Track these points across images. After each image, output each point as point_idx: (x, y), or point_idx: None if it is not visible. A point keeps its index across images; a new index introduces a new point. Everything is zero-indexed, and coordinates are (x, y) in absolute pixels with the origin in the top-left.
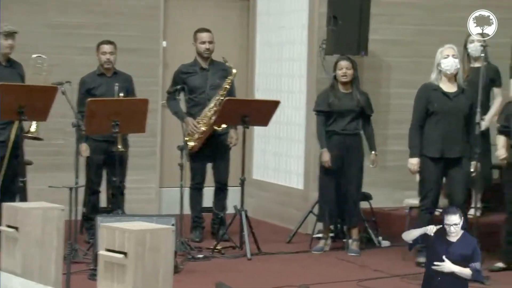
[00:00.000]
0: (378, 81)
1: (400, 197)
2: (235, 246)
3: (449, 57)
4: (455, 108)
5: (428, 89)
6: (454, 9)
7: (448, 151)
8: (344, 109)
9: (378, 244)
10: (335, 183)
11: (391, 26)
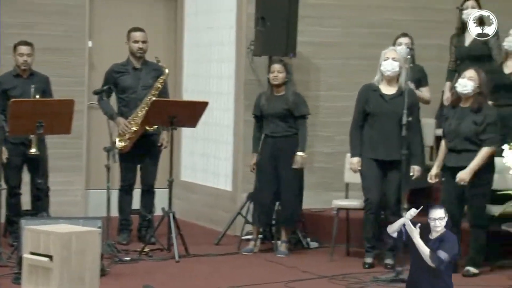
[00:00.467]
0: (307, 83)
1: (328, 198)
2: (163, 248)
3: (389, 59)
4: (390, 110)
5: (367, 90)
6: (380, 11)
7: (383, 153)
8: (272, 112)
9: (307, 245)
10: (270, 186)
11: (319, 28)
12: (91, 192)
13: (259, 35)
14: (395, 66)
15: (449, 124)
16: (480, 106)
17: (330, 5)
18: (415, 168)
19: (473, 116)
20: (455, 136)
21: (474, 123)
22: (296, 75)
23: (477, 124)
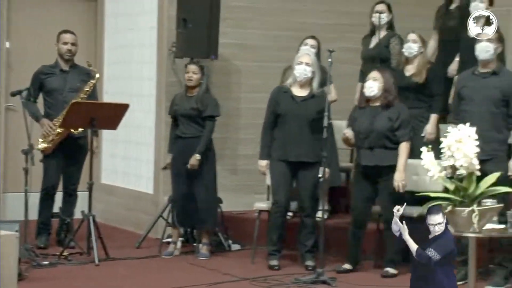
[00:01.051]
0: (229, 85)
1: (251, 200)
2: (83, 252)
3: (302, 64)
4: (300, 112)
5: (279, 92)
6: (298, 15)
7: (292, 154)
8: (183, 112)
9: (228, 247)
10: (183, 186)
11: (240, 30)
12: (9, 195)
13: (181, 37)
14: (308, 72)
15: (362, 122)
16: (389, 102)
17: (250, 8)
18: (326, 170)
19: (386, 112)
20: (369, 133)
21: (389, 119)
22: (218, 77)
23: (391, 120)
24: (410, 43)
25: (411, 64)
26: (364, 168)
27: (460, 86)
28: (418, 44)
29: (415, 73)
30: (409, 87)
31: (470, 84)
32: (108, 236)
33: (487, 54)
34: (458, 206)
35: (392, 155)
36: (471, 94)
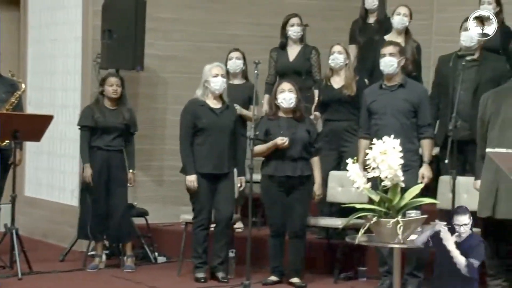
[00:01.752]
0: (155, 97)
1: (177, 212)
2: (5, 266)
3: (218, 76)
4: (222, 123)
5: (195, 105)
6: (224, 26)
7: (218, 166)
8: (110, 125)
9: (154, 260)
10: (102, 199)
11: (166, 41)
12: None
13: (106, 47)
14: (224, 83)
15: (276, 134)
16: (302, 115)
17: (177, 19)
18: (242, 179)
19: (303, 125)
20: (292, 144)
21: (308, 132)
22: (144, 88)
23: (309, 133)
24: (336, 54)
25: (338, 76)
26: (283, 179)
27: (369, 101)
28: (344, 56)
29: (345, 85)
30: (340, 99)
31: (379, 98)
32: (31, 249)
33: (391, 68)
34: (383, 217)
35: (309, 166)
36: (381, 108)
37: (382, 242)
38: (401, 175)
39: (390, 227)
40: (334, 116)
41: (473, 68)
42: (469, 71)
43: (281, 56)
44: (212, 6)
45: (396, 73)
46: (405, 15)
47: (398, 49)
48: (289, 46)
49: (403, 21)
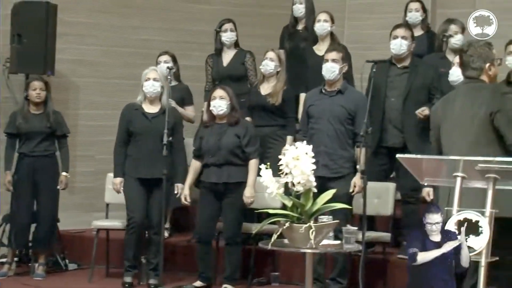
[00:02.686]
0: (66, 102)
1: (89, 219)
2: None
3: (150, 80)
4: (153, 128)
5: (130, 109)
6: (140, 31)
7: (146, 171)
8: (32, 130)
9: (65, 267)
10: (27, 206)
11: (78, 46)
12: None
13: (15, 52)
14: (157, 87)
15: (207, 141)
16: (237, 120)
17: (90, 24)
18: (179, 186)
19: (233, 129)
20: (216, 150)
21: (236, 136)
22: (55, 93)
23: (239, 137)
24: (267, 61)
25: (267, 83)
26: (211, 185)
27: (308, 104)
28: (275, 63)
29: (271, 93)
30: (264, 107)
31: (317, 102)
32: None
33: (332, 75)
34: (296, 222)
35: (239, 172)
36: (319, 112)
37: (294, 247)
38: (313, 180)
39: (302, 232)
40: (258, 121)
41: (404, 75)
42: (401, 78)
43: (216, 62)
44: (125, 11)
45: (337, 79)
46: (325, 21)
47: (341, 55)
48: (223, 51)
49: (323, 27)
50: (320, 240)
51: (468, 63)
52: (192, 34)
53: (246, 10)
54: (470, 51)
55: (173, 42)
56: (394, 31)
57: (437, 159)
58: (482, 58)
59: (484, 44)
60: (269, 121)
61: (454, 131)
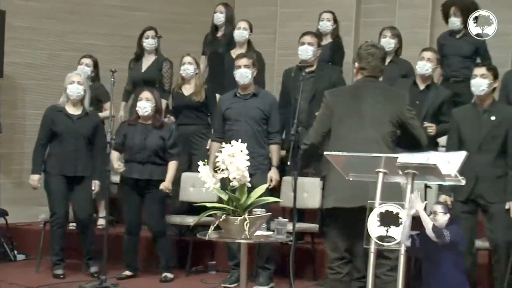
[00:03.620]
0: (14, 103)
1: (37, 212)
2: None
3: (74, 83)
4: (76, 129)
5: (53, 111)
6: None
7: (69, 169)
8: None
9: (14, 258)
10: None
11: (26, 49)
12: None
13: None
14: (80, 90)
15: (132, 139)
16: (162, 123)
17: (35, 28)
18: (96, 183)
19: (158, 132)
20: (141, 149)
21: (161, 138)
22: (4, 95)
23: (164, 139)
24: (186, 65)
25: (188, 85)
26: (134, 181)
27: (224, 108)
28: (194, 66)
29: (194, 92)
30: (189, 105)
31: (233, 105)
32: None
33: (246, 79)
34: (231, 215)
35: (160, 170)
36: (236, 114)
37: (230, 238)
38: (247, 176)
39: (237, 224)
40: (184, 121)
41: (311, 79)
42: (308, 82)
43: (135, 66)
44: (69, 17)
45: (250, 84)
46: (244, 29)
47: (251, 61)
48: (144, 57)
49: (242, 34)
50: (254, 231)
51: (379, 66)
52: (130, 39)
53: (179, 17)
54: (381, 55)
55: (113, 46)
56: (302, 38)
57: (360, 156)
58: (384, 62)
59: (383, 48)
60: (194, 120)
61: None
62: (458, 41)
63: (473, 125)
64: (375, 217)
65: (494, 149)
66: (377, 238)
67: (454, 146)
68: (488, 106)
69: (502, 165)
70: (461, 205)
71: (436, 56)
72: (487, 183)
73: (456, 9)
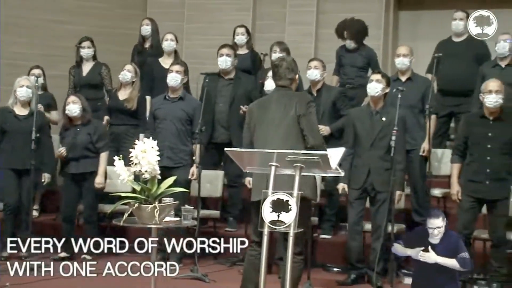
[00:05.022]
0: None
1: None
2: None
3: (24, 87)
4: (24, 128)
5: (3, 112)
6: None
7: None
8: None
9: None
10: None
11: None
12: None
13: None
14: (29, 93)
15: (66, 140)
16: (89, 119)
17: None
18: (46, 175)
19: (85, 128)
20: (74, 147)
21: (88, 134)
22: None
23: (90, 135)
24: (125, 72)
25: (124, 90)
26: (71, 175)
27: (154, 108)
28: (132, 74)
29: (127, 99)
30: (121, 109)
31: (162, 106)
32: None
33: (175, 83)
34: (143, 203)
35: (93, 163)
36: (163, 114)
37: (142, 224)
38: (158, 169)
39: (149, 211)
40: (116, 121)
41: (229, 85)
42: (227, 88)
43: (77, 72)
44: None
45: (179, 87)
46: (172, 40)
47: (183, 68)
48: (83, 63)
49: (170, 45)
50: (163, 218)
51: (283, 74)
52: (57, 49)
53: (101, 30)
54: (285, 65)
55: (42, 55)
56: (220, 50)
57: (256, 152)
58: (293, 72)
59: (292, 60)
60: (125, 121)
61: (269, 128)
62: (353, 55)
63: (367, 124)
64: (268, 205)
65: (384, 146)
66: (270, 222)
67: (350, 142)
68: (379, 108)
69: (389, 159)
70: (356, 192)
71: (321, 64)
72: (377, 175)
73: (348, 34)
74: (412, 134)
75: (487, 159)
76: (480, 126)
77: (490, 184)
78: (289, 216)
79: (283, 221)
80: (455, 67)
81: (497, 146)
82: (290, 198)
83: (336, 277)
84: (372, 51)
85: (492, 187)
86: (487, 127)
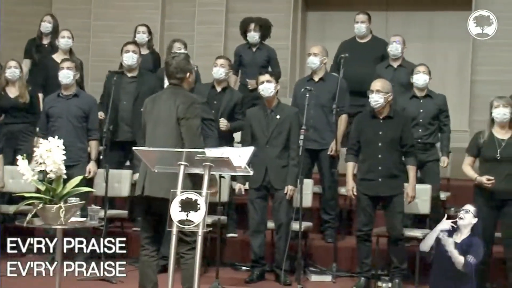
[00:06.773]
0: None
1: None
2: None
3: None
4: None
5: None
6: None
7: None
8: None
9: None
10: None
11: None
12: None
13: None
14: None
15: None
16: None
17: None
18: None
19: None
20: None
21: None
22: None
23: None
24: (13, 69)
25: (13, 87)
26: None
27: (47, 106)
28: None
29: (19, 95)
30: (16, 106)
31: (56, 104)
32: None
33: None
34: (48, 203)
35: None
36: (58, 112)
37: (47, 224)
38: (63, 169)
39: (54, 212)
40: (11, 120)
41: (133, 83)
42: (131, 86)
43: None
44: None
45: (72, 84)
46: (68, 37)
47: (74, 65)
48: None
49: (67, 42)
50: (69, 218)
51: (171, 73)
52: None
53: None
54: (174, 64)
55: None
56: (125, 47)
57: (164, 151)
58: (184, 70)
59: (184, 57)
60: (22, 119)
61: (156, 126)
62: (254, 53)
63: (262, 123)
64: (177, 204)
65: (279, 143)
66: (178, 222)
67: (247, 141)
68: (273, 107)
69: (286, 157)
70: (255, 192)
71: (228, 62)
72: (274, 173)
73: (255, 26)
74: (322, 134)
75: (378, 157)
76: (370, 125)
77: (383, 181)
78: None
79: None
80: (360, 68)
81: (387, 144)
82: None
83: (245, 276)
84: (273, 50)
85: (385, 184)
86: (377, 126)
